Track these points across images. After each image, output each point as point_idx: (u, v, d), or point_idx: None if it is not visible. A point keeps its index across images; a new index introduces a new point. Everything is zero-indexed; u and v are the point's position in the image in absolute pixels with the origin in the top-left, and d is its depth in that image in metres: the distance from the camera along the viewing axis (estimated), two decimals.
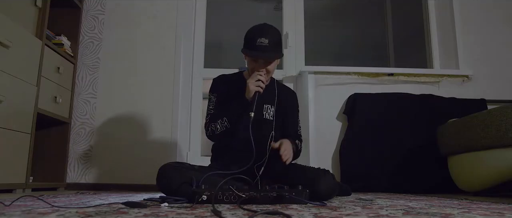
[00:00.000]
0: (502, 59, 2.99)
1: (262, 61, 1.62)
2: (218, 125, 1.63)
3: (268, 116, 1.73)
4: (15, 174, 2.01)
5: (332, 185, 1.51)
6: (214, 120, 1.65)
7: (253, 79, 1.57)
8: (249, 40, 1.60)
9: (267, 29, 1.61)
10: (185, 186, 1.44)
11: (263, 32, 1.59)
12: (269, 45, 1.57)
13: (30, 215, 0.87)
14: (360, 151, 2.67)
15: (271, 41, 1.58)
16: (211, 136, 1.69)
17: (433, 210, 1.06)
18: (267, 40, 1.57)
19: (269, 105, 1.74)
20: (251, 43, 1.59)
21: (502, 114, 1.93)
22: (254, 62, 1.63)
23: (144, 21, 2.86)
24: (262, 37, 1.57)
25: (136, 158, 2.65)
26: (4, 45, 1.86)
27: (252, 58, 1.62)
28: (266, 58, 1.60)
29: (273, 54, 1.60)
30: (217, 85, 1.79)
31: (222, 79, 1.81)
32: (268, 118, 1.72)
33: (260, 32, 1.59)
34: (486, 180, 2.06)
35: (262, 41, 1.56)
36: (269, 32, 1.60)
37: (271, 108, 1.74)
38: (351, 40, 4.10)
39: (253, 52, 1.59)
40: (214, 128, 1.64)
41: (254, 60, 1.63)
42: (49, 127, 2.53)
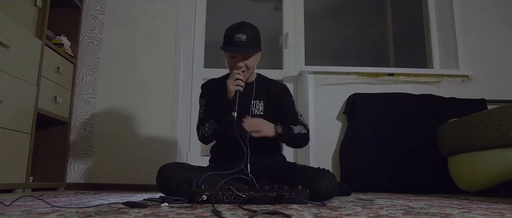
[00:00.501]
0: (502, 59, 2.99)
1: (240, 57, 1.63)
2: (207, 127, 1.65)
3: (258, 111, 1.72)
4: (15, 174, 2.01)
5: (332, 185, 1.51)
6: (203, 123, 1.68)
7: (231, 79, 1.58)
8: (227, 37, 1.63)
9: (244, 26, 1.64)
10: (185, 186, 1.45)
11: (241, 28, 1.61)
12: (246, 41, 1.59)
13: (30, 215, 0.87)
14: (360, 151, 2.67)
15: (249, 37, 1.60)
16: (202, 139, 1.71)
17: (433, 210, 1.06)
18: (245, 36, 1.59)
19: (257, 100, 1.73)
20: (229, 40, 1.61)
21: (502, 114, 1.93)
22: (233, 59, 1.64)
23: (144, 21, 2.86)
24: (239, 33, 1.59)
25: (136, 158, 2.65)
26: (4, 45, 1.86)
27: (231, 55, 1.64)
28: (243, 52, 1.61)
29: (250, 49, 1.62)
30: (205, 90, 1.81)
31: (210, 84, 1.83)
32: (257, 113, 1.72)
33: (238, 29, 1.61)
34: (486, 180, 2.06)
35: (240, 37, 1.59)
36: (247, 29, 1.62)
37: (260, 103, 1.74)
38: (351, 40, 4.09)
39: (231, 48, 1.60)
40: (204, 131, 1.67)
41: (232, 56, 1.64)
42: (49, 127, 2.53)
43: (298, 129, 1.69)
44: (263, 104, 1.74)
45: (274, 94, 1.78)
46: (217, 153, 1.80)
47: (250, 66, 1.66)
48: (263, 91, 1.76)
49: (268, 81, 1.84)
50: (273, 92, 1.78)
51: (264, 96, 1.75)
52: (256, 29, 1.67)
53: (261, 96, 1.75)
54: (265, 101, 1.75)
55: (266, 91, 1.77)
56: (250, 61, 1.65)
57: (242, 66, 1.63)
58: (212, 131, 1.64)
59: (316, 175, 1.50)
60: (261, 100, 1.74)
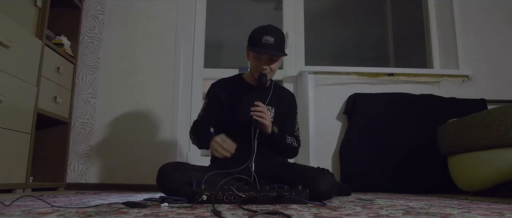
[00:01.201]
0: (502, 59, 2.99)
1: (266, 59, 1.63)
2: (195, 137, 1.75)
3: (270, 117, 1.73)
4: (15, 174, 2.01)
5: (331, 184, 1.52)
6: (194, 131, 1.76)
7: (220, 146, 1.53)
8: (255, 38, 1.63)
9: (273, 29, 1.65)
10: (185, 186, 1.45)
11: (269, 31, 1.62)
12: (274, 44, 1.60)
13: (30, 215, 0.87)
14: (360, 151, 2.67)
15: (276, 40, 1.61)
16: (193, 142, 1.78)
17: (433, 210, 1.06)
18: (272, 38, 1.60)
19: (270, 106, 1.75)
20: (257, 41, 1.61)
21: (502, 114, 1.93)
22: (258, 60, 1.64)
23: (144, 21, 2.86)
24: (268, 35, 1.60)
25: (136, 158, 2.65)
26: (4, 45, 1.86)
27: (257, 56, 1.64)
28: (272, 54, 1.62)
29: (278, 52, 1.63)
30: (213, 91, 1.81)
31: (220, 84, 1.82)
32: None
33: (266, 31, 1.62)
34: (486, 180, 2.06)
35: (268, 39, 1.59)
36: (275, 32, 1.64)
37: (272, 109, 1.76)
38: (351, 40, 4.09)
39: (259, 49, 1.60)
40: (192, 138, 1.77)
41: (258, 58, 1.64)
42: (49, 127, 2.53)
43: (291, 140, 1.74)
44: (274, 111, 1.76)
45: (284, 103, 1.81)
46: None
47: (274, 69, 1.68)
48: (275, 98, 1.78)
49: (280, 89, 1.87)
50: (283, 101, 1.81)
51: (275, 103, 1.78)
52: (282, 33, 1.69)
53: (273, 103, 1.77)
54: (276, 109, 1.77)
55: (277, 99, 1.79)
56: (274, 65, 1.66)
57: (267, 68, 1.64)
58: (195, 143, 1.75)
59: (316, 174, 1.51)
60: (273, 107, 1.77)
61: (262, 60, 1.64)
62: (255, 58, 1.65)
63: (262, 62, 1.64)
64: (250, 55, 1.69)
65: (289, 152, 1.77)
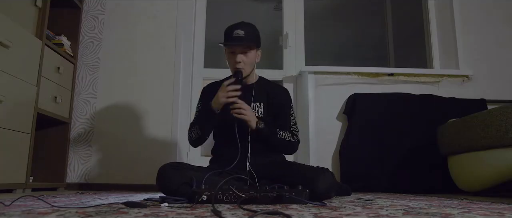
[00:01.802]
0: (502, 59, 2.99)
1: (239, 51, 1.65)
2: (193, 132, 1.72)
3: (257, 113, 1.73)
4: (15, 174, 2.01)
5: (331, 183, 1.52)
6: (193, 126, 1.73)
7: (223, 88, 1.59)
8: (226, 34, 1.68)
9: (243, 24, 1.68)
10: (185, 186, 1.45)
11: (239, 25, 1.67)
12: (245, 36, 1.63)
13: (30, 215, 0.87)
14: (360, 151, 2.67)
15: (247, 33, 1.64)
16: (191, 142, 1.76)
17: (433, 210, 1.06)
18: (243, 31, 1.63)
19: (257, 102, 1.74)
20: (228, 36, 1.65)
21: (502, 114, 1.93)
22: (232, 55, 1.67)
23: (144, 21, 2.86)
24: (238, 29, 1.64)
25: (136, 158, 2.65)
26: (4, 45, 1.86)
27: (230, 50, 1.67)
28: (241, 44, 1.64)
29: (247, 41, 1.65)
30: (204, 94, 1.84)
31: (210, 88, 1.84)
32: (257, 116, 1.71)
33: (237, 25, 1.67)
34: (486, 180, 2.06)
35: (238, 32, 1.63)
36: (245, 26, 1.67)
37: (259, 105, 1.75)
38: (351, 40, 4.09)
39: (230, 43, 1.64)
40: (190, 135, 1.73)
41: (232, 52, 1.67)
42: (49, 127, 2.53)
43: (283, 134, 1.70)
44: (263, 107, 1.75)
45: (274, 97, 1.79)
46: (217, 151, 1.81)
47: (248, 62, 1.68)
48: (263, 94, 1.77)
49: (269, 84, 1.85)
50: (272, 95, 1.79)
51: (264, 98, 1.76)
52: (255, 27, 1.71)
53: (261, 98, 1.75)
54: (265, 104, 1.76)
55: (265, 94, 1.78)
56: (248, 57, 1.67)
57: (241, 61, 1.65)
58: (197, 136, 1.70)
59: (315, 173, 1.51)
60: (261, 103, 1.75)
61: (235, 54, 1.66)
62: (229, 54, 1.69)
63: (235, 55, 1.65)
64: (226, 55, 1.72)
65: (283, 147, 1.74)
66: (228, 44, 1.66)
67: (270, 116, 1.75)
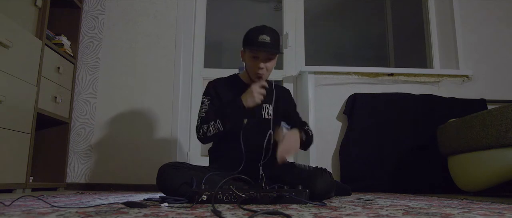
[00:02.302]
0: (502, 59, 2.99)
1: (263, 58, 1.63)
2: (211, 127, 1.63)
3: (267, 115, 1.74)
4: (15, 174, 2.01)
5: (329, 183, 1.52)
6: (207, 122, 1.65)
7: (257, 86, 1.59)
8: (251, 37, 1.63)
9: (268, 29, 1.65)
10: (185, 186, 1.45)
11: (265, 30, 1.63)
12: (270, 42, 1.60)
13: (30, 215, 0.86)
14: (360, 151, 2.67)
15: (272, 39, 1.62)
16: (203, 138, 1.67)
17: (433, 210, 1.06)
18: (268, 37, 1.60)
19: (267, 104, 1.75)
20: (253, 40, 1.61)
21: (502, 114, 1.93)
22: (255, 60, 1.64)
23: (144, 21, 2.86)
24: (263, 34, 1.60)
25: (136, 158, 2.65)
26: (4, 45, 1.86)
27: (253, 55, 1.63)
28: (269, 52, 1.62)
29: (275, 49, 1.63)
30: (212, 89, 1.78)
31: (218, 83, 1.81)
32: (266, 117, 1.74)
33: (262, 30, 1.63)
34: (486, 180, 2.06)
35: (264, 38, 1.60)
36: (271, 31, 1.64)
37: (269, 107, 1.75)
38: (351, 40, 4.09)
39: (256, 47, 1.60)
40: (207, 130, 1.64)
41: (254, 57, 1.63)
42: (49, 127, 2.53)
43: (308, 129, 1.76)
44: (272, 109, 1.76)
45: (279, 98, 1.81)
46: (217, 152, 1.80)
47: (270, 69, 1.67)
48: (270, 95, 1.77)
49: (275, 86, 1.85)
50: (278, 96, 1.80)
51: (271, 100, 1.77)
52: (278, 33, 1.69)
53: (269, 100, 1.76)
54: (274, 106, 1.77)
55: (272, 95, 1.78)
56: (271, 64, 1.66)
57: (264, 68, 1.63)
58: (216, 131, 1.62)
59: (313, 174, 1.51)
60: (270, 105, 1.76)
61: (259, 60, 1.63)
62: (251, 58, 1.65)
63: (259, 61, 1.63)
64: (246, 56, 1.69)
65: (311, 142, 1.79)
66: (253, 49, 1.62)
67: (278, 117, 1.78)
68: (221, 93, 1.76)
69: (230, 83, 1.80)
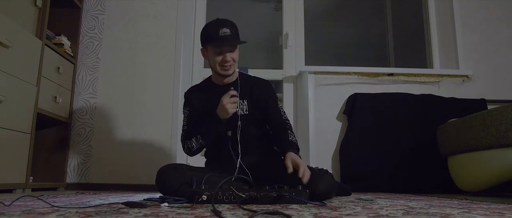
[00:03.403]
0: (502, 59, 2.99)
1: (227, 50, 1.61)
2: (193, 143, 1.65)
3: (242, 111, 1.70)
4: (15, 174, 2.01)
5: (331, 184, 1.52)
6: (189, 138, 1.66)
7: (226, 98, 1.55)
8: (211, 33, 1.61)
9: (225, 21, 1.63)
10: (185, 186, 1.45)
11: (224, 23, 1.61)
12: (231, 34, 1.59)
13: (30, 215, 0.86)
14: (360, 151, 2.67)
15: (232, 31, 1.61)
16: (189, 153, 1.70)
17: (433, 210, 1.06)
18: (228, 29, 1.59)
19: (241, 100, 1.71)
20: (213, 36, 1.59)
21: (502, 113, 1.93)
22: (219, 54, 1.62)
23: (144, 21, 2.86)
24: (223, 27, 1.59)
25: (136, 158, 2.65)
26: (4, 45, 1.86)
27: (217, 50, 1.61)
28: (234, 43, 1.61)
29: (238, 40, 1.62)
30: (188, 100, 1.77)
31: (191, 93, 1.79)
32: (242, 113, 1.70)
33: (221, 24, 1.61)
34: (486, 180, 2.06)
35: (225, 31, 1.58)
36: (229, 23, 1.62)
37: (243, 102, 1.71)
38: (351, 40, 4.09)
39: (220, 42, 1.59)
40: (190, 145, 1.66)
41: (218, 52, 1.62)
42: (49, 127, 2.53)
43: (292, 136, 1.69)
44: (247, 104, 1.72)
45: (257, 92, 1.75)
46: (213, 154, 1.80)
47: (236, 59, 1.66)
48: (245, 90, 1.73)
49: (250, 79, 1.81)
50: (255, 90, 1.75)
51: (247, 95, 1.73)
52: (234, 23, 1.66)
53: (244, 95, 1.72)
54: (249, 100, 1.72)
55: (248, 90, 1.74)
56: (235, 54, 1.64)
57: (230, 60, 1.62)
58: (199, 145, 1.65)
59: (315, 175, 1.50)
60: (245, 100, 1.72)
61: (222, 53, 1.61)
62: (215, 54, 1.63)
63: (224, 55, 1.61)
64: (209, 53, 1.66)
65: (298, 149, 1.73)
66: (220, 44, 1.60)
67: (256, 110, 1.73)
68: (195, 104, 1.74)
69: (202, 89, 1.77)
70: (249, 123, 1.70)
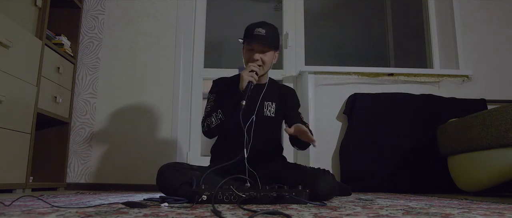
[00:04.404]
0: (502, 59, 2.99)
1: (258, 49, 1.64)
2: (213, 118, 1.64)
3: (269, 112, 1.74)
4: (15, 174, 2.01)
5: (332, 185, 1.52)
6: (209, 115, 1.67)
7: (247, 70, 1.60)
8: (248, 30, 1.67)
9: (265, 23, 1.67)
10: (185, 186, 1.45)
11: (261, 24, 1.65)
12: (266, 35, 1.62)
13: (30, 215, 0.86)
14: (360, 151, 2.67)
15: (268, 33, 1.63)
16: (207, 131, 1.68)
17: (433, 210, 1.06)
18: (264, 30, 1.62)
19: (270, 102, 1.75)
20: (249, 33, 1.65)
21: (502, 114, 1.93)
22: (250, 52, 1.66)
23: (144, 21, 2.86)
24: (260, 27, 1.63)
25: (136, 158, 2.65)
26: (4, 45, 1.86)
27: (249, 47, 1.66)
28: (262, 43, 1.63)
29: (268, 42, 1.63)
30: (217, 86, 1.80)
31: (222, 81, 1.83)
32: (268, 115, 1.73)
33: (259, 24, 1.65)
34: (486, 180, 2.06)
35: (260, 31, 1.62)
36: (267, 26, 1.66)
37: (272, 105, 1.75)
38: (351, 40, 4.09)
39: (249, 40, 1.63)
40: (210, 121, 1.65)
41: (250, 50, 1.65)
42: (49, 127, 2.53)
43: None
44: (274, 106, 1.75)
45: (285, 98, 1.80)
46: (218, 151, 1.80)
47: (266, 62, 1.66)
48: (274, 94, 1.78)
49: (279, 85, 1.87)
50: (284, 96, 1.80)
51: (276, 98, 1.77)
52: (277, 29, 1.70)
53: (273, 98, 1.76)
54: (277, 104, 1.76)
55: (277, 94, 1.79)
56: (266, 57, 1.65)
57: (259, 59, 1.64)
58: (218, 121, 1.63)
59: (316, 175, 1.51)
60: (273, 102, 1.76)
61: (254, 51, 1.64)
62: (248, 51, 1.67)
63: (254, 53, 1.64)
64: (244, 51, 1.70)
65: None
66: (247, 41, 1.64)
67: (280, 116, 1.78)
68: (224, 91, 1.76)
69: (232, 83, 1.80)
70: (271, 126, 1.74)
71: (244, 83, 1.57)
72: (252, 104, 1.67)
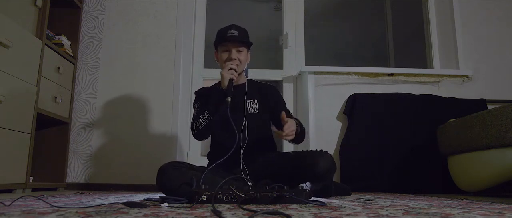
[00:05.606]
0: (502, 59, 2.99)
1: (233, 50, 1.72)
2: (201, 120, 1.69)
3: (253, 109, 1.78)
4: (15, 174, 2.01)
5: (330, 163, 1.59)
6: (197, 118, 1.72)
7: (226, 68, 1.67)
8: (220, 34, 1.76)
9: (236, 25, 1.77)
10: (185, 186, 1.45)
11: (232, 27, 1.75)
12: (238, 36, 1.72)
13: (30, 215, 0.86)
14: (360, 151, 2.67)
15: (241, 33, 1.74)
16: (197, 134, 1.72)
17: (433, 210, 1.06)
18: (237, 31, 1.72)
19: (251, 100, 1.80)
20: (222, 36, 1.73)
21: (502, 113, 1.93)
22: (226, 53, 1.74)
23: (144, 21, 2.86)
24: (231, 29, 1.73)
25: (136, 158, 2.65)
26: (4, 45, 1.86)
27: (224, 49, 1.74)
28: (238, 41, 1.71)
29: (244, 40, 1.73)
30: (200, 95, 1.86)
31: (204, 90, 1.90)
32: (252, 112, 1.78)
33: (230, 27, 1.75)
34: (486, 180, 2.06)
35: (233, 32, 1.72)
36: (238, 27, 1.76)
37: (254, 102, 1.80)
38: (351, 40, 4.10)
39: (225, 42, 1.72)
40: (198, 124, 1.70)
41: (225, 50, 1.74)
42: (49, 127, 2.53)
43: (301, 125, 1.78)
44: (257, 103, 1.80)
45: (266, 94, 1.85)
46: (213, 155, 1.82)
47: (242, 60, 1.75)
48: (255, 91, 1.83)
49: (258, 83, 1.92)
50: (264, 93, 1.85)
51: (257, 95, 1.82)
52: (246, 30, 1.79)
53: (254, 95, 1.81)
54: (259, 100, 1.81)
55: (258, 92, 1.84)
56: (242, 55, 1.75)
57: (236, 58, 1.72)
58: (206, 121, 1.68)
59: (315, 154, 1.58)
60: (255, 100, 1.81)
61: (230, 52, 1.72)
62: (223, 54, 1.74)
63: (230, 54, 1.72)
64: (219, 55, 1.77)
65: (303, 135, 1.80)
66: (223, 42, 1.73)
67: (265, 112, 1.81)
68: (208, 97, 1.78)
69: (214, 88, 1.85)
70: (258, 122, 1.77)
71: (226, 80, 1.64)
72: (238, 106, 1.74)
